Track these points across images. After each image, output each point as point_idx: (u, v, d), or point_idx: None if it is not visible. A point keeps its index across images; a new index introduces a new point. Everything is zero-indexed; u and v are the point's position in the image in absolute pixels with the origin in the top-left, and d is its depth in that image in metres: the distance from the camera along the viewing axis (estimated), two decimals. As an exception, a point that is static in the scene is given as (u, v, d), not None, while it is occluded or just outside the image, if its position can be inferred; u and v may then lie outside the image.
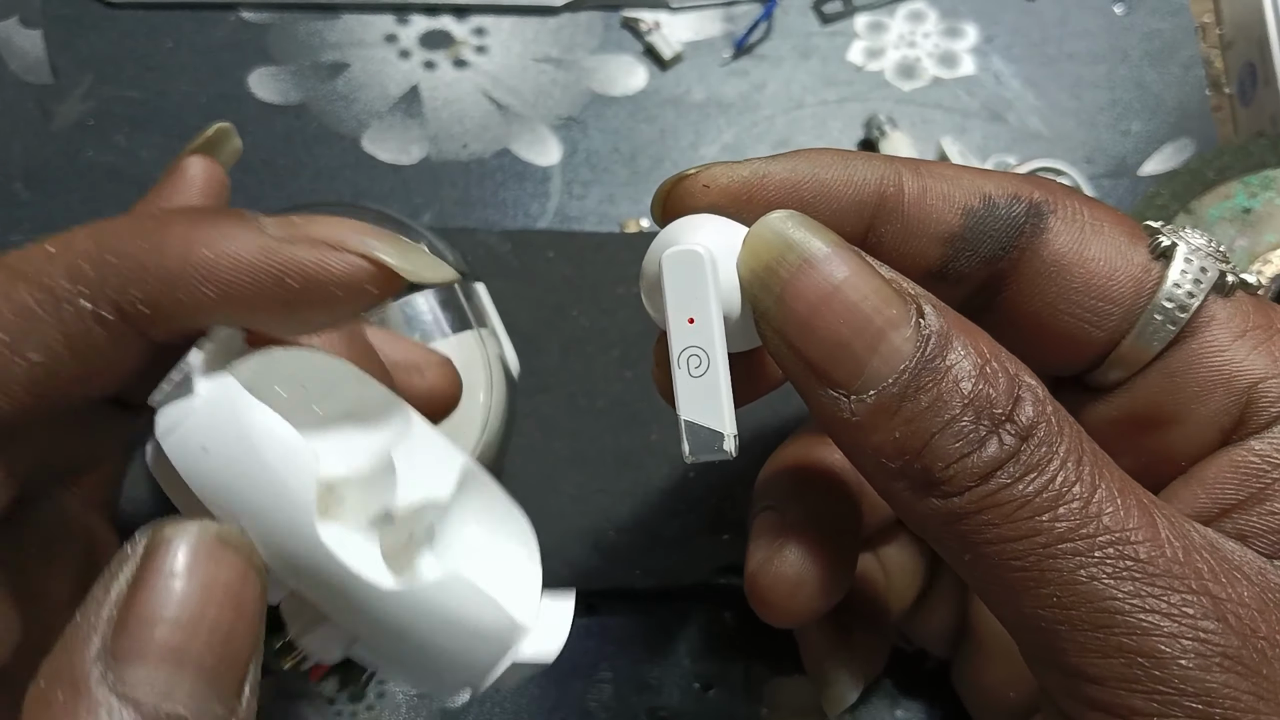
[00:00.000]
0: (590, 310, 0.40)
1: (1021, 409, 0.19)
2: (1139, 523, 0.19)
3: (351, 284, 0.19)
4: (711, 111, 0.46)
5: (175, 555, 0.18)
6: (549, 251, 0.41)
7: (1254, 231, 0.41)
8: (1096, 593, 0.18)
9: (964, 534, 0.19)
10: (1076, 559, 0.19)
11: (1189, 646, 0.18)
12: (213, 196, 0.29)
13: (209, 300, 0.19)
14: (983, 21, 0.48)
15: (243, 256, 0.19)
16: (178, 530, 0.18)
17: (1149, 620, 0.18)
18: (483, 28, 0.47)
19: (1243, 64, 0.46)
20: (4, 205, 0.42)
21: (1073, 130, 0.46)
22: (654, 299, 0.22)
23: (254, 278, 0.19)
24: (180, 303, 0.19)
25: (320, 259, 0.19)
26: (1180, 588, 0.18)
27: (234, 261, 0.19)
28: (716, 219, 0.22)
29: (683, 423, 0.21)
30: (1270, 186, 0.42)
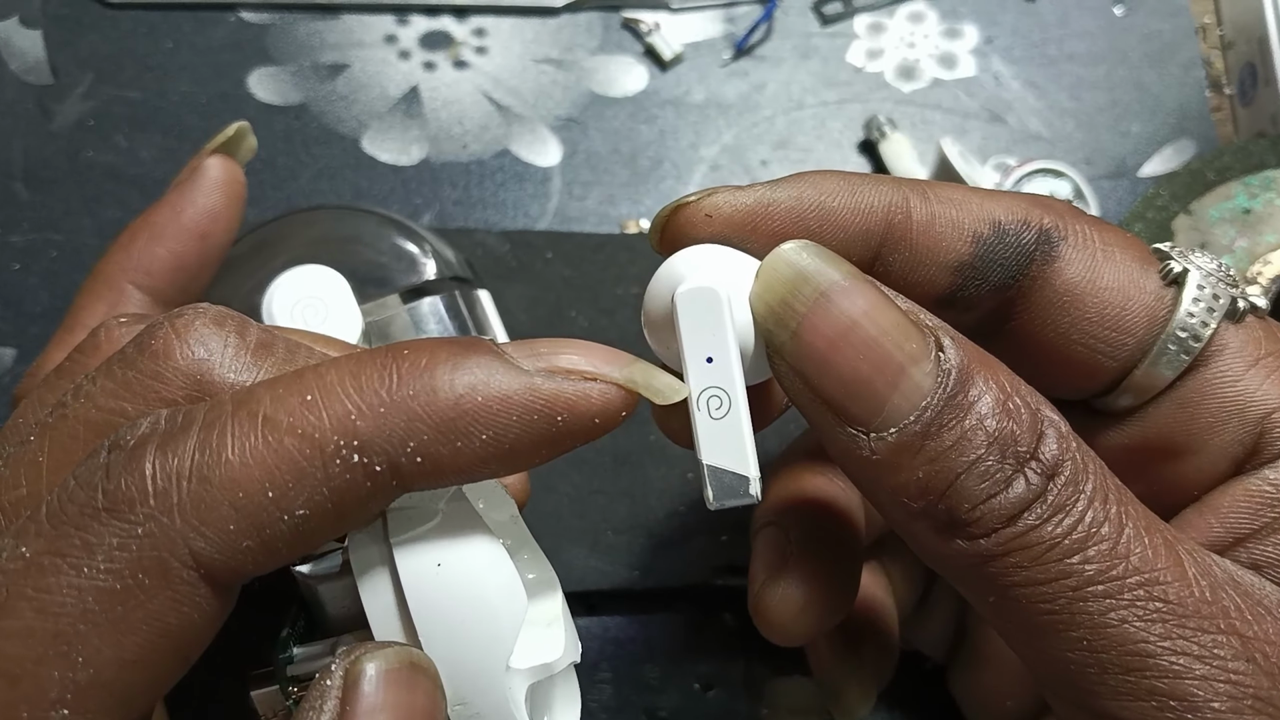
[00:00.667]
0: (589, 311, 0.40)
1: (1045, 445, 0.19)
2: (1167, 562, 0.19)
3: (609, 413, 0.19)
4: (711, 112, 0.46)
5: (377, 688, 0.18)
6: (547, 252, 0.41)
7: (1254, 232, 0.41)
8: (1128, 636, 0.18)
9: (991, 576, 0.19)
10: (1107, 601, 0.18)
11: (1221, 690, 0.18)
12: (233, 197, 0.30)
13: (481, 446, 0.18)
14: (982, 23, 0.48)
15: (512, 398, 0.18)
16: (375, 658, 0.18)
17: (1181, 663, 0.18)
18: (483, 28, 0.47)
19: (1243, 65, 0.46)
20: (4, 205, 0.42)
21: (1072, 131, 0.46)
22: (663, 337, 0.22)
23: (523, 418, 0.18)
24: (456, 451, 0.18)
25: (583, 392, 0.19)
26: (1210, 628, 0.18)
27: (504, 404, 0.18)
28: (721, 250, 0.21)
29: (705, 468, 0.20)
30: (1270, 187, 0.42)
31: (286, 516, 0.18)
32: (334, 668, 0.18)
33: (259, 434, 0.18)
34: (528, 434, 0.18)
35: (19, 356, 0.40)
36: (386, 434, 0.18)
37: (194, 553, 0.17)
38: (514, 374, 0.18)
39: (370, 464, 0.18)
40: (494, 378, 0.18)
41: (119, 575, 0.17)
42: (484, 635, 0.19)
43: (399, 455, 0.18)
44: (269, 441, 0.18)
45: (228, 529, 0.17)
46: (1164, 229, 0.42)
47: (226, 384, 0.20)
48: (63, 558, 0.17)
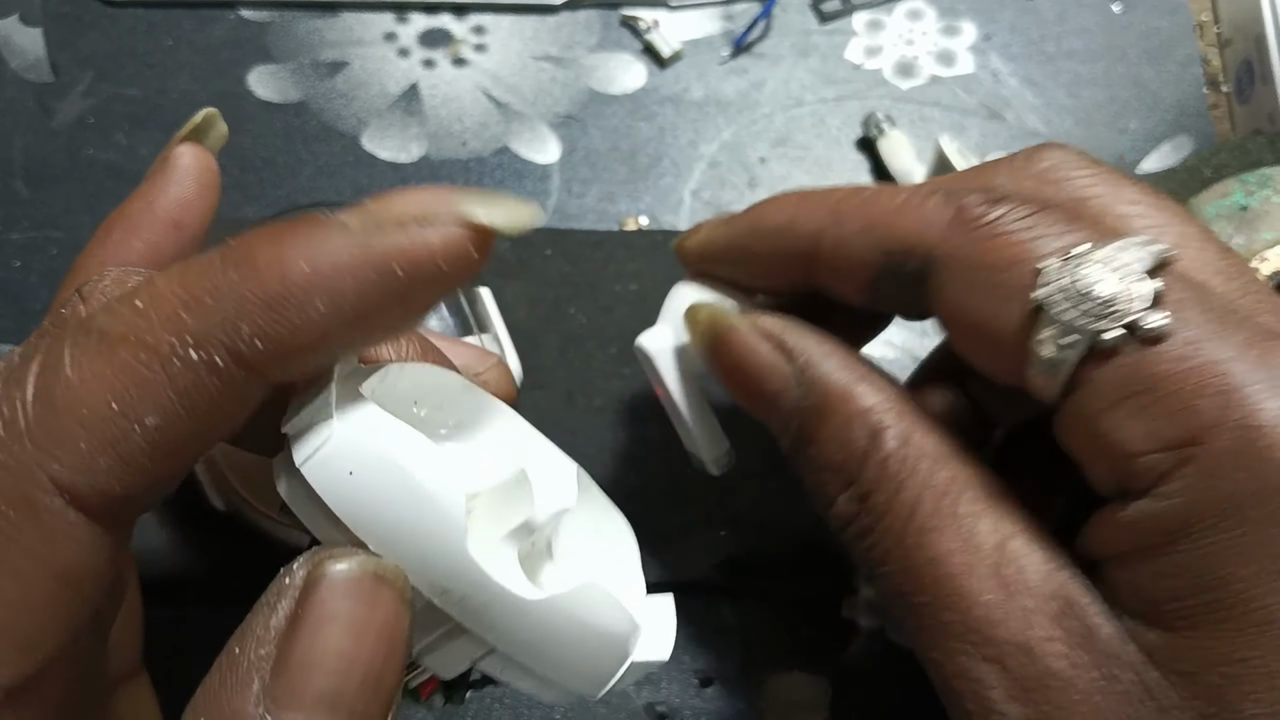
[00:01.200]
0: (588, 308, 0.40)
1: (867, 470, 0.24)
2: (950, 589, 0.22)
3: (455, 254, 0.18)
4: (710, 110, 0.46)
5: (335, 596, 0.18)
6: (547, 249, 0.41)
7: (1251, 229, 0.41)
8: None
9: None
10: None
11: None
12: (206, 185, 0.28)
13: (320, 316, 0.18)
14: (981, 20, 0.48)
15: (341, 259, 0.18)
16: (336, 564, 0.18)
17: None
18: (482, 26, 0.47)
19: (1240, 62, 0.46)
20: (4, 203, 0.42)
21: (1070, 128, 0.46)
22: (648, 369, 0.30)
23: (358, 278, 0.18)
24: (294, 326, 0.18)
25: (418, 238, 0.18)
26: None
27: (334, 267, 0.18)
28: (690, 286, 0.30)
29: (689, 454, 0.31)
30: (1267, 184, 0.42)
31: (138, 427, 0.17)
32: (296, 566, 0.18)
33: (94, 349, 0.17)
34: (368, 295, 0.18)
35: (20, 354, 0.40)
36: (218, 323, 0.17)
37: (53, 478, 0.17)
38: (339, 236, 0.18)
39: (209, 358, 0.17)
40: (318, 245, 0.18)
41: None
42: (426, 521, 0.18)
43: (236, 343, 0.17)
44: (104, 354, 0.17)
45: (79, 448, 0.17)
46: (1161, 226, 0.42)
47: None
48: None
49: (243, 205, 0.43)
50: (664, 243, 0.42)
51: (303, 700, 0.17)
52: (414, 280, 0.18)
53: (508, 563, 0.20)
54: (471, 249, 0.18)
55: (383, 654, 0.18)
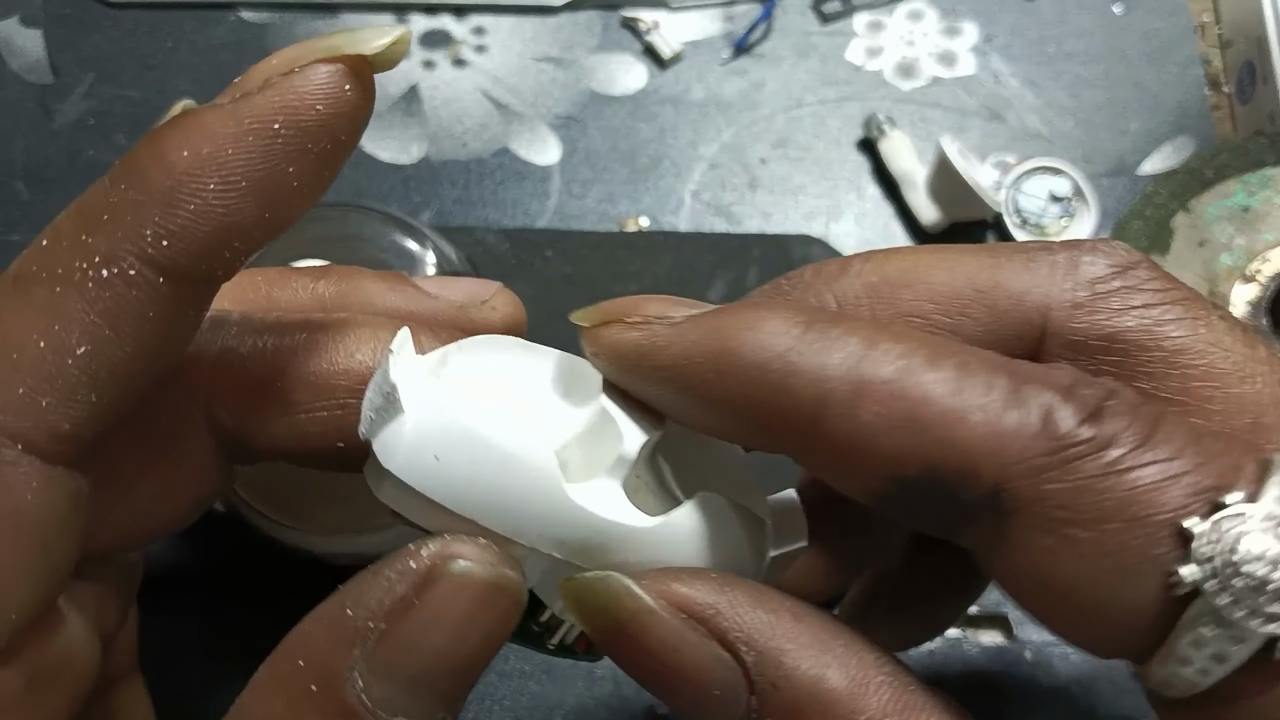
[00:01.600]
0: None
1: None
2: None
3: (330, 94, 0.18)
4: (711, 111, 0.46)
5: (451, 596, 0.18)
6: (547, 250, 0.41)
7: (1252, 230, 0.41)
8: None
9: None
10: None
11: None
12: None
13: (216, 197, 0.17)
14: (982, 21, 0.48)
15: (219, 133, 0.17)
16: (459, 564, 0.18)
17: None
18: (482, 27, 0.47)
19: (1241, 63, 0.46)
20: (5, 204, 0.42)
21: (1071, 129, 0.46)
22: None
23: (240, 146, 0.17)
24: (194, 214, 0.17)
25: (287, 90, 0.17)
26: None
27: (213, 143, 0.17)
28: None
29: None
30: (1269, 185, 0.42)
31: (70, 360, 0.17)
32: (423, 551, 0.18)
33: (11, 294, 0.17)
34: (256, 161, 0.17)
35: (20, 355, 0.40)
36: (120, 236, 0.17)
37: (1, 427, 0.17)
38: (210, 114, 0.17)
39: (122, 270, 0.17)
40: (191, 129, 0.17)
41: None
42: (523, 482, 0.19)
43: (144, 249, 0.17)
44: (21, 295, 0.17)
45: (18, 393, 0.17)
46: (1163, 227, 0.42)
47: None
48: None
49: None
50: (665, 244, 0.42)
51: (396, 677, 0.18)
52: (297, 132, 0.17)
53: (615, 499, 0.20)
54: (344, 84, 0.18)
55: (481, 653, 0.18)
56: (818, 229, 0.44)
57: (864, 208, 0.44)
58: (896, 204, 0.44)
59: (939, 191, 0.43)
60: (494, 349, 0.22)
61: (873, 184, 0.45)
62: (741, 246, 0.42)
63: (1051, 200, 0.43)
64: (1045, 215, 0.43)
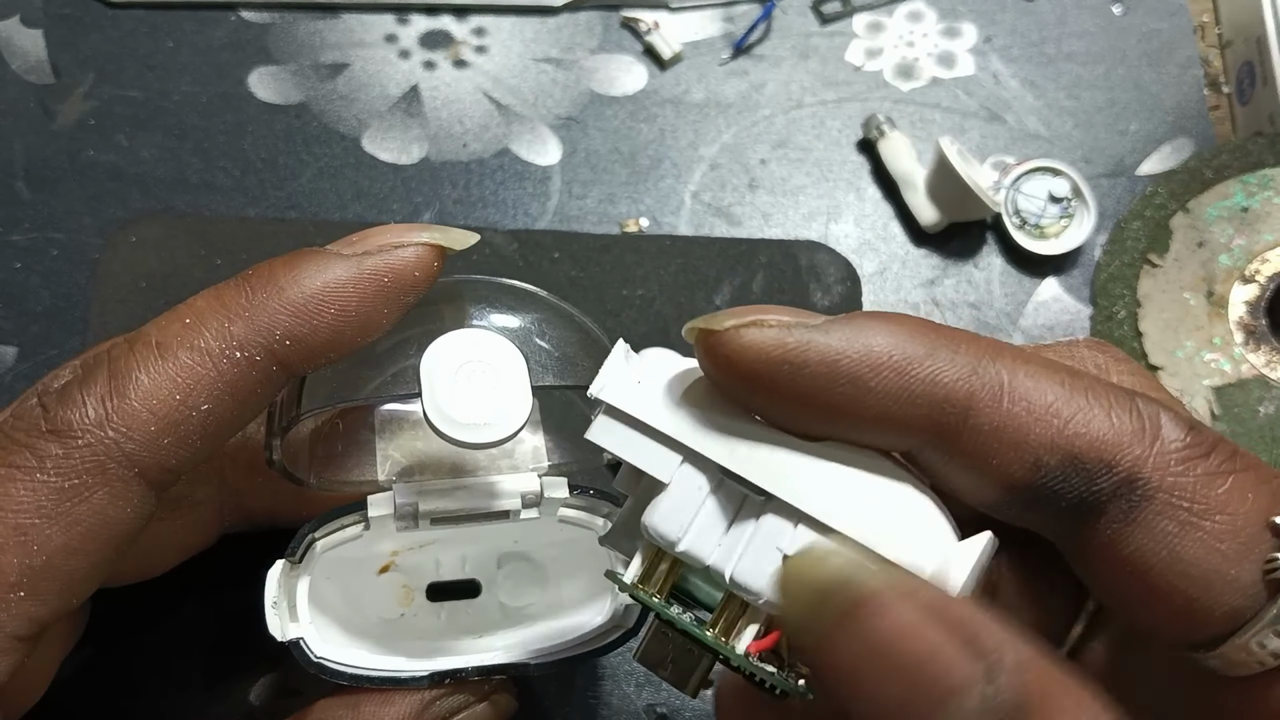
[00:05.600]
0: (595, 311, 0.40)
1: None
2: None
3: (423, 266, 0.25)
4: (711, 111, 0.46)
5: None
6: (555, 252, 0.41)
7: (1252, 230, 0.42)
8: None
9: None
10: None
11: None
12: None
13: (333, 318, 0.24)
14: (981, 22, 0.48)
15: (342, 277, 0.24)
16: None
17: None
18: (482, 28, 0.47)
19: (1241, 64, 0.46)
20: (6, 204, 0.42)
21: (1071, 130, 0.46)
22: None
23: (358, 288, 0.24)
24: (314, 327, 0.23)
25: (394, 258, 0.24)
26: None
27: (340, 281, 0.24)
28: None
29: None
30: (1268, 185, 0.42)
31: (194, 413, 0.23)
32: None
33: (157, 355, 0.23)
34: (365, 299, 0.24)
35: (20, 355, 0.40)
36: (256, 330, 0.23)
37: (126, 454, 0.22)
38: (341, 260, 0.24)
39: (250, 356, 0.23)
40: (323, 267, 0.24)
41: (66, 476, 0.22)
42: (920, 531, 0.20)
43: (271, 344, 0.23)
44: (167, 358, 0.23)
45: (150, 430, 0.22)
46: (1162, 227, 0.42)
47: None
48: (18, 469, 0.22)
49: (244, 207, 0.43)
50: (672, 248, 0.42)
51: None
52: (397, 287, 0.24)
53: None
54: (433, 262, 0.25)
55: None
56: (817, 230, 0.44)
57: (863, 208, 0.44)
58: (896, 205, 0.44)
59: (938, 192, 0.43)
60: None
61: (872, 185, 0.45)
62: (749, 251, 0.42)
63: (1050, 201, 0.43)
64: (1044, 216, 0.43)
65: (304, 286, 0.23)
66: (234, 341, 0.23)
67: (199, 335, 0.23)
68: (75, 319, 0.40)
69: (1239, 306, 0.41)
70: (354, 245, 0.24)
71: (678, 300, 0.41)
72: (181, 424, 0.23)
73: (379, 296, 0.24)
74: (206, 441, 0.23)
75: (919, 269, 0.43)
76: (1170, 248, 0.42)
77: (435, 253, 0.25)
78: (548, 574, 0.31)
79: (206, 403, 0.23)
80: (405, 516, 0.27)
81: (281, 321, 0.23)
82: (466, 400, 0.24)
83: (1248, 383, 0.40)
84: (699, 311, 0.40)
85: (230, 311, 0.23)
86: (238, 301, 0.23)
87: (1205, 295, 0.41)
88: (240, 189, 0.43)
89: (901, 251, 0.44)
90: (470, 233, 0.26)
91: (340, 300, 0.24)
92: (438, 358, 0.25)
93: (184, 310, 0.24)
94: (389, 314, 0.24)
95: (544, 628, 0.30)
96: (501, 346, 0.25)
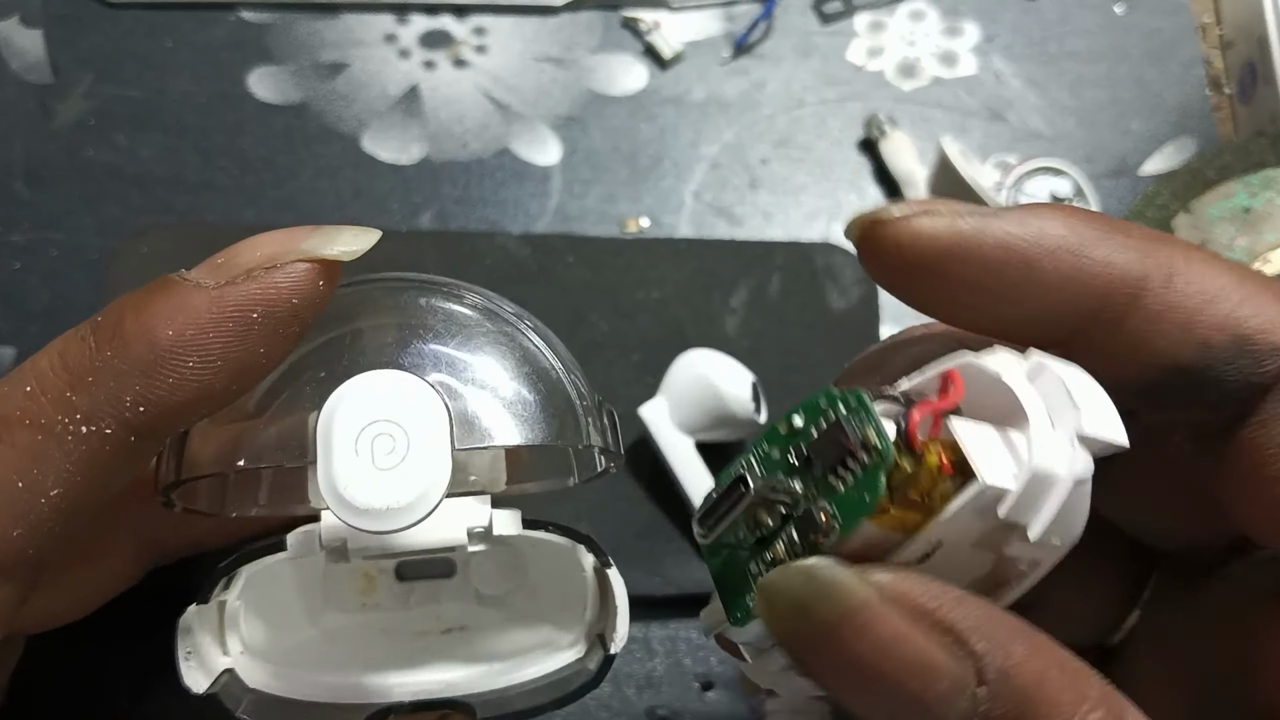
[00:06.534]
0: (609, 315, 0.40)
1: None
2: None
3: (304, 291, 0.20)
4: (712, 110, 0.46)
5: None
6: (568, 256, 0.41)
7: (1254, 231, 0.41)
8: None
9: None
10: None
11: None
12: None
13: (193, 373, 0.19)
14: (983, 21, 0.48)
15: (201, 318, 0.19)
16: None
17: None
18: (482, 27, 0.47)
19: (1243, 63, 0.46)
20: (5, 204, 0.42)
21: (1073, 129, 0.46)
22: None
23: (220, 331, 0.19)
24: (171, 387, 0.19)
25: (267, 284, 0.19)
26: None
27: (197, 326, 0.19)
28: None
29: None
30: (1270, 185, 0.42)
31: (43, 499, 0.19)
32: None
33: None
34: (232, 343, 0.19)
35: (19, 355, 0.40)
36: (102, 399, 0.19)
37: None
38: (195, 295, 0.19)
39: (100, 429, 0.19)
40: (176, 308, 0.19)
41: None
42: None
43: (122, 412, 0.19)
44: (5, 439, 0.19)
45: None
46: (1164, 227, 0.42)
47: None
48: None
49: (243, 208, 0.43)
50: (687, 250, 0.42)
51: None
52: (271, 321, 0.19)
53: None
54: (318, 282, 0.20)
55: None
56: (818, 229, 0.44)
57: (865, 208, 0.44)
58: (897, 204, 0.44)
59: (940, 192, 0.42)
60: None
61: (873, 184, 0.45)
62: (764, 253, 0.42)
63: (1053, 201, 0.43)
64: (1046, 216, 0.43)
65: (154, 339, 0.19)
66: (77, 414, 0.19)
67: (39, 408, 0.19)
68: (74, 319, 0.40)
69: (1241, 307, 0.41)
70: (217, 270, 0.20)
71: (692, 303, 0.41)
72: (30, 513, 0.19)
73: (250, 336, 0.19)
74: (65, 524, 0.20)
75: (920, 269, 0.43)
76: (1172, 248, 0.42)
77: (318, 271, 0.20)
78: (526, 561, 0.28)
79: (56, 486, 0.19)
80: (335, 554, 0.23)
81: (130, 386, 0.19)
82: (368, 479, 0.20)
83: (1250, 383, 0.40)
84: (714, 315, 0.40)
85: (73, 376, 0.19)
86: (80, 364, 0.19)
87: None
88: (239, 188, 0.43)
89: (903, 251, 0.43)
90: (368, 230, 0.20)
91: (200, 349, 0.19)
92: (336, 419, 0.20)
93: (28, 372, 0.19)
94: (268, 354, 0.20)
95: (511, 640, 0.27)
96: (419, 398, 0.20)
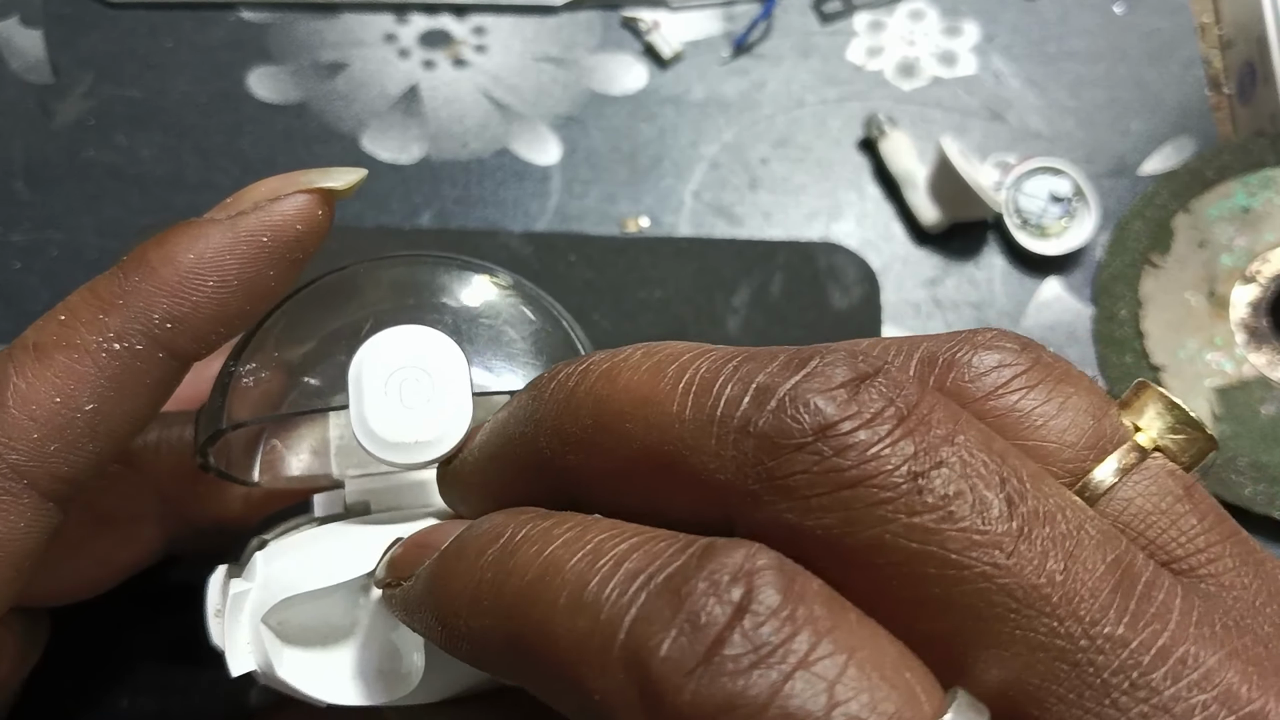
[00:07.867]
0: (611, 314, 0.40)
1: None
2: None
3: (306, 217, 0.23)
4: (711, 110, 0.46)
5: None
6: (570, 255, 0.41)
7: (1253, 231, 0.41)
8: None
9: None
10: None
11: None
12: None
13: (214, 291, 0.22)
14: (983, 20, 0.48)
15: (219, 244, 0.22)
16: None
17: None
18: (482, 27, 0.47)
19: (1242, 63, 0.46)
20: (5, 204, 0.42)
21: (1072, 129, 0.46)
22: None
23: (235, 254, 0.22)
24: (194, 304, 0.22)
25: (274, 212, 0.22)
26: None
27: (215, 251, 0.22)
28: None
29: None
30: (1270, 186, 0.42)
31: (79, 414, 0.21)
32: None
33: (34, 358, 0.21)
34: (246, 265, 0.22)
35: (20, 355, 0.40)
36: (132, 317, 0.21)
37: (11, 466, 0.21)
38: (213, 226, 0.22)
39: (131, 345, 0.21)
40: (195, 237, 0.22)
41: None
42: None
43: (151, 329, 0.21)
44: (42, 360, 0.21)
45: (32, 438, 0.21)
46: (1164, 227, 0.42)
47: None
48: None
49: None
50: (688, 250, 0.42)
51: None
52: (280, 244, 0.22)
53: None
54: (317, 211, 0.23)
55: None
56: (818, 229, 0.44)
57: (865, 208, 0.44)
58: (897, 204, 0.44)
59: (940, 192, 0.43)
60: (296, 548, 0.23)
61: (873, 184, 0.45)
62: (766, 253, 0.42)
63: (1052, 200, 0.43)
64: (1046, 215, 0.43)
65: (177, 263, 0.22)
66: (110, 333, 0.21)
67: (74, 331, 0.21)
68: (74, 319, 0.40)
69: (1241, 307, 0.41)
70: (228, 207, 0.23)
71: (695, 302, 0.41)
72: (67, 428, 0.21)
73: (261, 259, 0.22)
74: (100, 443, 0.21)
75: (920, 269, 0.43)
76: (1172, 248, 0.42)
77: (317, 200, 0.23)
78: None
79: (91, 401, 0.21)
80: (359, 514, 0.25)
81: (158, 304, 0.21)
82: (397, 416, 0.21)
83: (1249, 383, 0.40)
84: (717, 314, 0.40)
85: (104, 302, 0.21)
86: (111, 290, 0.22)
87: (1207, 295, 0.41)
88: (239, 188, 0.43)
89: (903, 251, 0.43)
90: (355, 170, 0.23)
91: (219, 270, 0.22)
92: (366, 365, 0.22)
93: (60, 308, 0.22)
94: (277, 276, 0.23)
95: None
96: (441, 347, 0.22)
